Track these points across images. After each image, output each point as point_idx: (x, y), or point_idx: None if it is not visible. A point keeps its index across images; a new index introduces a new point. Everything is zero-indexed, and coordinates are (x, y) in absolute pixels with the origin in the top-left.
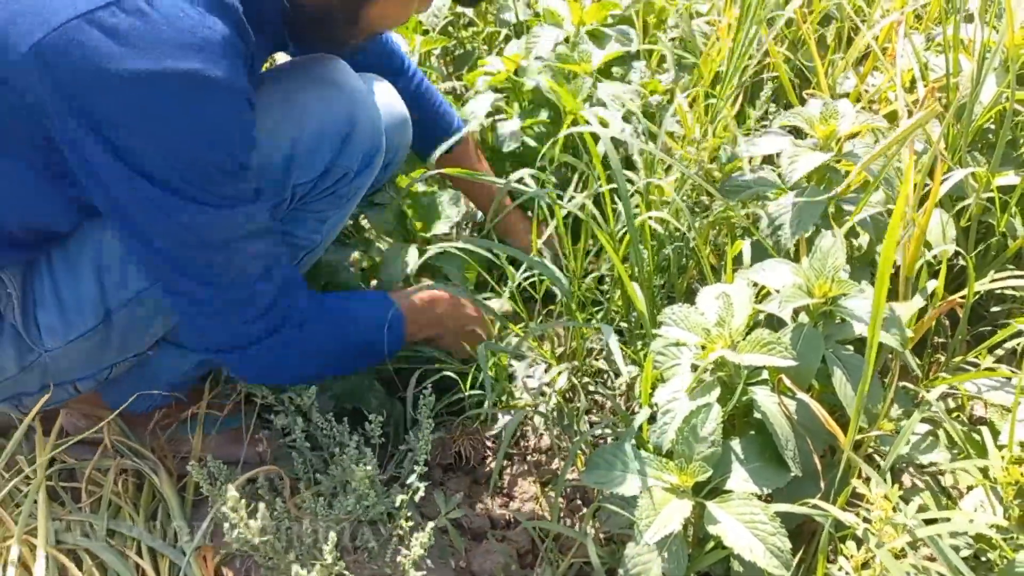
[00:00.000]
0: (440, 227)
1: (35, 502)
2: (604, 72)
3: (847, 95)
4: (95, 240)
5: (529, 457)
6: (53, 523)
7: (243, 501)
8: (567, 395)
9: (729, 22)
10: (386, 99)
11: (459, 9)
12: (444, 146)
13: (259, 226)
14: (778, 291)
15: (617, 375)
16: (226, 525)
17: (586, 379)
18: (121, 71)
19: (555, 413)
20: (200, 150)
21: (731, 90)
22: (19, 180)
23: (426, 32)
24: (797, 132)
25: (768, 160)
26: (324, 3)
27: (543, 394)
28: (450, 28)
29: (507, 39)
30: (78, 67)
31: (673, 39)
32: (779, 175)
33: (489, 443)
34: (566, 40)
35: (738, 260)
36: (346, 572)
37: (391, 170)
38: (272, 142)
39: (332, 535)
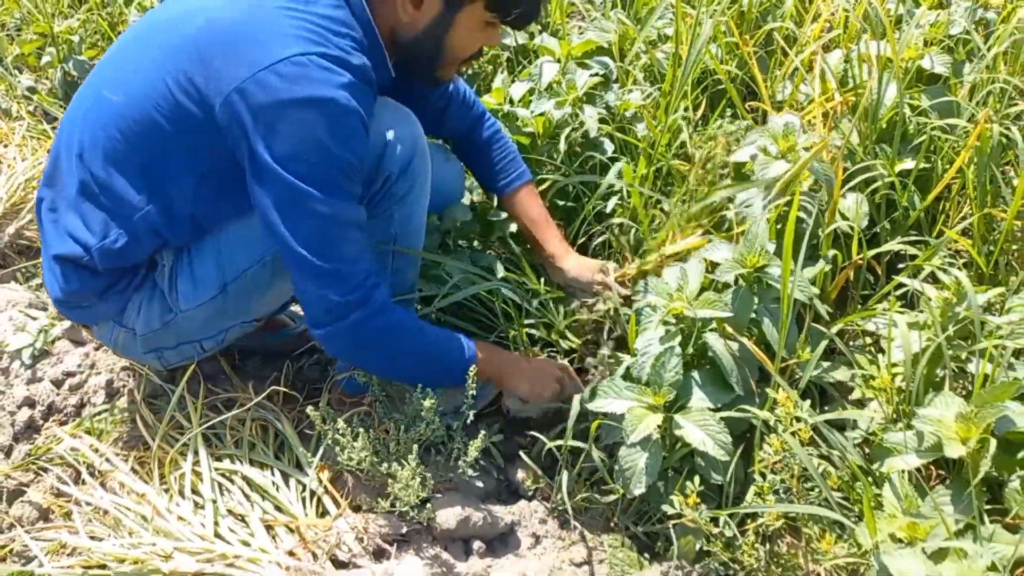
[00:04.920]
0: None
1: (196, 451)
2: (588, 95)
3: (783, 103)
4: (216, 237)
5: None
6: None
7: (349, 429)
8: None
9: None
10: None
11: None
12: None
13: (359, 220)
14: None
15: (611, 332)
16: (336, 448)
17: (588, 337)
18: (285, 98)
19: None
20: (328, 151)
21: (679, 97)
22: (190, 193)
23: None
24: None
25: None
26: (413, 36)
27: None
28: None
29: (508, 60)
30: (263, 99)
31: (643, 63)
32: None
33: None
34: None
35: None
36: (426, 474)
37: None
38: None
39: (415, 447)
